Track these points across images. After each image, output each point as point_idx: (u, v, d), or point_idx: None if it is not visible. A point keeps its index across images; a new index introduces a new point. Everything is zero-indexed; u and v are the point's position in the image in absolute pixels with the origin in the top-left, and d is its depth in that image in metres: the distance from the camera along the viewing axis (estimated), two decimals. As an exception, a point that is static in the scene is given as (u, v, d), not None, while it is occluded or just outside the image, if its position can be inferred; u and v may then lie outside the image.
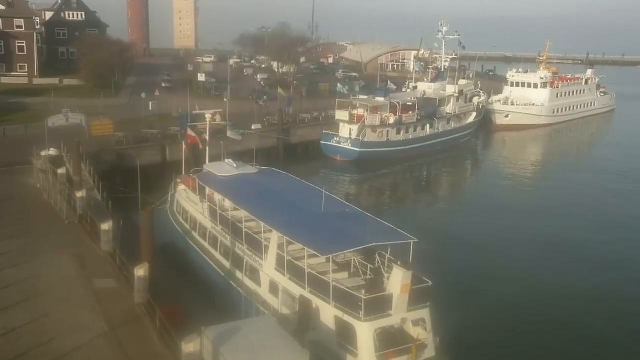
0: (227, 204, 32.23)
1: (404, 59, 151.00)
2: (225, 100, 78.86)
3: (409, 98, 71.87)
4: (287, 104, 71.36)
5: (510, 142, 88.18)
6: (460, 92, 77.29)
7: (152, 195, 45.06)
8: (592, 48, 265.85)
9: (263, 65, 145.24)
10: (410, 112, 69.92)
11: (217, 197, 33.20)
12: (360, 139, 65.07)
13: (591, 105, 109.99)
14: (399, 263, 22.73)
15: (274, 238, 27.08)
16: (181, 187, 37.94)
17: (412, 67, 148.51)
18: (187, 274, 33.54)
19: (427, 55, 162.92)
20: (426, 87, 76.67)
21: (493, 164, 72.97)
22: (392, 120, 67.39)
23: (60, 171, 40.39)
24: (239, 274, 29.85)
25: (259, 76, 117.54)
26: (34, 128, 56.73)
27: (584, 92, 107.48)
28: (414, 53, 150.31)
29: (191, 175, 37.67)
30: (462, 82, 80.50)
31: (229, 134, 39.21)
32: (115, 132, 55.01)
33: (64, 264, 28.24)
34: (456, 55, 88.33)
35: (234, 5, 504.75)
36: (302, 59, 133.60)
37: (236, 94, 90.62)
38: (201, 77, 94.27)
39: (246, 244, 29.35)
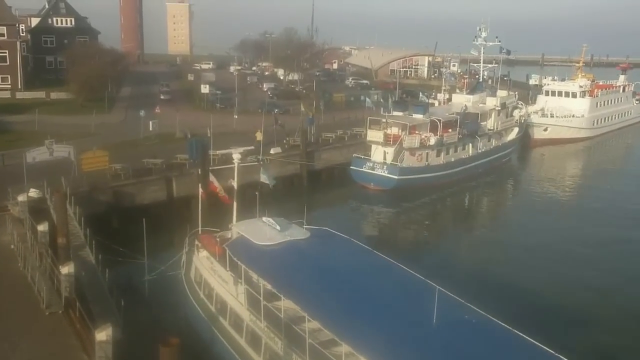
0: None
1: (417, 65, 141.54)
2: (235, 116, 69.77)
3: (450, 114, 62.39)
4: (310, 122, 61.84)
5: (553, 159, 78.69)
6: (503, 105, 67.95)
7: (159, 248, 35.97)
8: (596, 50, 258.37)
9: (266, 73, 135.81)
10: (450, 130, 60.55)
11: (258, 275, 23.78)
12: (398, 164, 55.66)
13: (628, 114, 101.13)
14: None
15: (364, 365, 17.67)
16: (202, 253, 28.36)
17: (426, 74, 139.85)
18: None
19: (439, 60, 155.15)
20: (464, 100, 67.19)
21: (545, 189, 62.11)
22: (432, 140, 57.98)
23: (42, 228, 31.06)
24: (297, 400, 20.45)
25: (265, 85, 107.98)
26: (14, 157, 46.95)
27: (621, 101, 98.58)
28: (427, 58, 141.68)
29: (215, 237, 28.26)
30: (502, 93, 71.17)
31: (263, 177, 29.68)
32: (111, 164, 45.31)
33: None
34: (496, 63, 79.02)
35: (229, 10, 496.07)
36: (306, 65, 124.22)
37: (244, 107, 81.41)
38: (204, 89, 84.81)
39: (310, 359, 19.93)
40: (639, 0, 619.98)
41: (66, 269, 25.69)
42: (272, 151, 55.43)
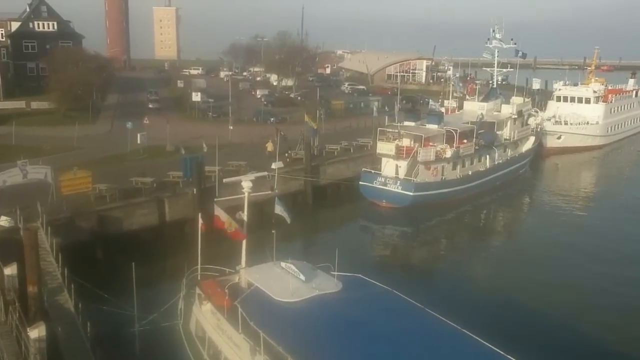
0: None
1: (414, 69, 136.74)
2: (230, 127, 64.50)
3: (465, 123, 57.55)
4: (313, 134, 56.78)
5: (570, 169, 74.04)
6: (519, 113, 63.16)
7: (150, 287, 30.90)
8: (588, 52, 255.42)
9: (258, 78, 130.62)
10: (466, 141, 55.67)
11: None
12: (413, 179, 50.62)
13: (639, 120, 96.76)
14: None
15: None
16: (206, 305, 23.10)
17: (423, 78, 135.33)
18: None
19: (435, 64, 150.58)
20: (477, 108, 62.28)
21: (570, 203, 56.95)
22: (449, 153, 53.08)
23: (9, 271, 25.79)
24: None
25: (258, 92, 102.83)
26: (-16, 177, 41.48)
27: (634, 106, 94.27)
28: (425, 62, 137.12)
29: (222, 283, 23.06)
30: (517, 99, 66.37)
31: (278, 209, 24.59)
32: (95, 184, 39.92)
33: None
34: (511, 68, 74.21)
35: (215, 14, 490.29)
36: (299, 70, 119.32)
37: (238, 115, 76.25)
38: (196, 97, 79.51)
39: None
40: (635, 2, 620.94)
41: (36, 332, 20.41)
42: (273, 166, 50.08)
